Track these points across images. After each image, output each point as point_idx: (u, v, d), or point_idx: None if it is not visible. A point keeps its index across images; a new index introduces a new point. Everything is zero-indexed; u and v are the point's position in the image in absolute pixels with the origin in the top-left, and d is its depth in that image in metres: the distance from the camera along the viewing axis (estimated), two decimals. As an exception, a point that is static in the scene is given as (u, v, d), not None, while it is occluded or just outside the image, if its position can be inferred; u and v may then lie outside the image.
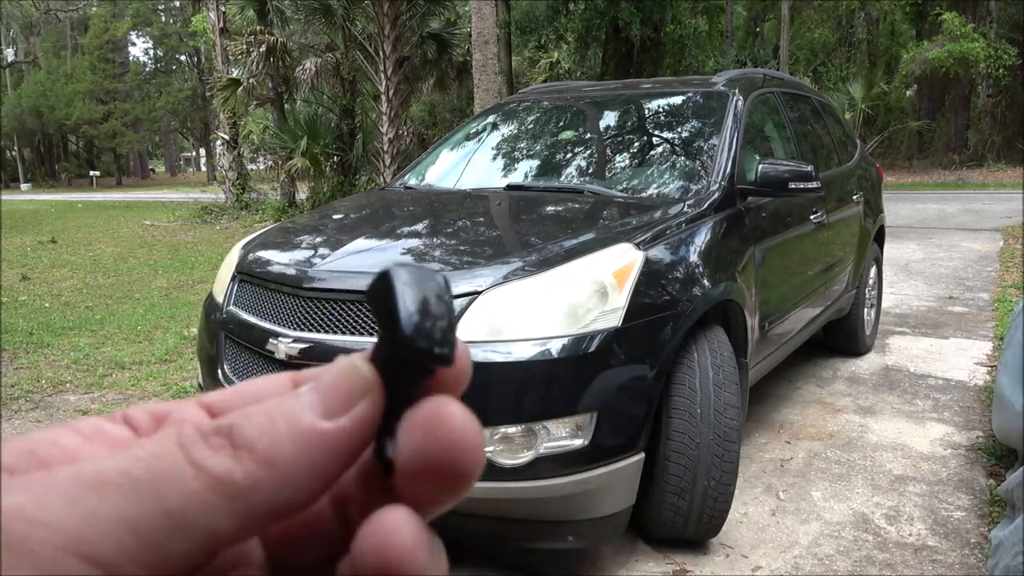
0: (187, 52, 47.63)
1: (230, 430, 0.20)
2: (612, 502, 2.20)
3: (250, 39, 14.03)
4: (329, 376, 0.22)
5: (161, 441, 0.20)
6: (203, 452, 0.19)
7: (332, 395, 0.21)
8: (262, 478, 0.19)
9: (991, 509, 2.73)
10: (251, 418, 0.20)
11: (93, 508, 0.18)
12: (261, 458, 0.20)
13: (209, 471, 0.19)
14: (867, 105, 18.46)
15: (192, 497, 0.19)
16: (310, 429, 0.20)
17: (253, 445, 0.20)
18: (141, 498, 0.18)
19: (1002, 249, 8.48)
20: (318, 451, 0.20)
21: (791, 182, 2.95)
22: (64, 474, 0.18)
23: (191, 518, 0.19)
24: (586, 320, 2.14)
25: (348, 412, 0.21)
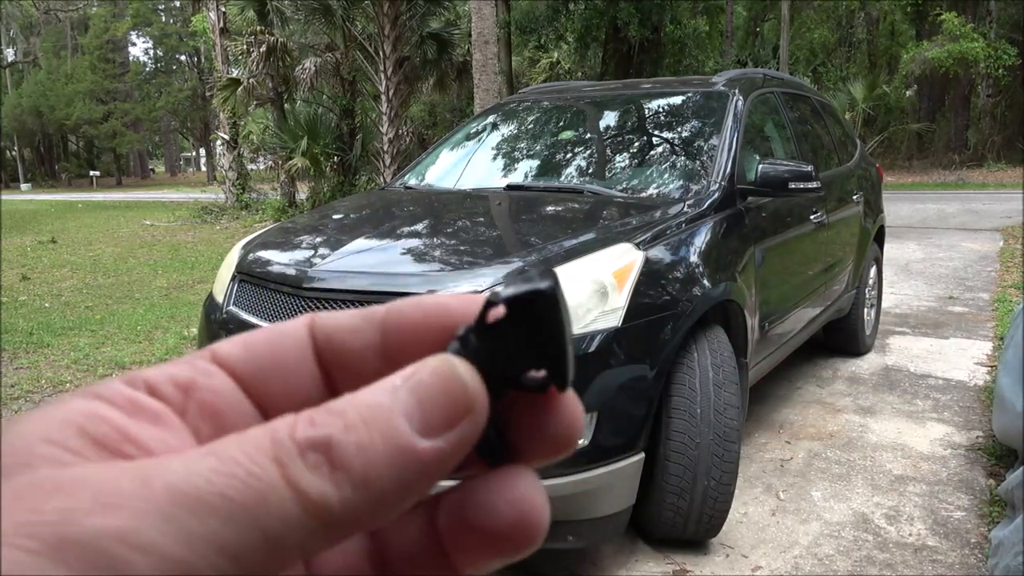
0: (187, 52, 47.64)
1: (328, 446, 0.19)
2: (612, 502, 2.20)
3: (250, 39, 14.03)
4: (430, 383, 0.20)
5: (256, 455, 0.19)
6: (301, 472, 0.19)
7: (432, 410, 0.20)
8: (357, 501, 0.19)
9: (991, 509, 2.73)
10: (349, 431, 0.19)
11: (192, 530, 0.17)
12: (359, 481, 0.19)
13: (307, 495, 0.18)
14: (867, 105, 18.46)
15: (291, 521, 0.18)
16: (408, 448, 0.19)
17: (351, 466, 0.19)
18: (239, 522, 0.18)
19: (1002, 249, 8.48)
20: (412, 473, 0.19)
21: (791, 182, 2.95)
22: (158, 489, 0.17)
23: (286, 539, 0.18)
24: (586, 320, 2.14)
25: (448, 432, 0.20)
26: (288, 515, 0.18)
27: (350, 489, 0.19)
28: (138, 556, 0.17)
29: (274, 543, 0.18)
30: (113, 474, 0.18)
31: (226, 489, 0.18)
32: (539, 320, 0.22)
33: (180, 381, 0.22)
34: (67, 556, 0.16)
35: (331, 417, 0.20)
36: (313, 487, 0.18)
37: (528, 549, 0.22)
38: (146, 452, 0.20)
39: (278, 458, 0.19)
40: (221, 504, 0.18)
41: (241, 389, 0.23)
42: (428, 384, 0.20)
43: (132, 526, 0.17)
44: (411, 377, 0.21)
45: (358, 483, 0.19)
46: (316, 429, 0.19)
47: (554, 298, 0.22)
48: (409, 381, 0.20)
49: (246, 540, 0.18)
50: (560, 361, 0.22)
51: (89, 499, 0.17)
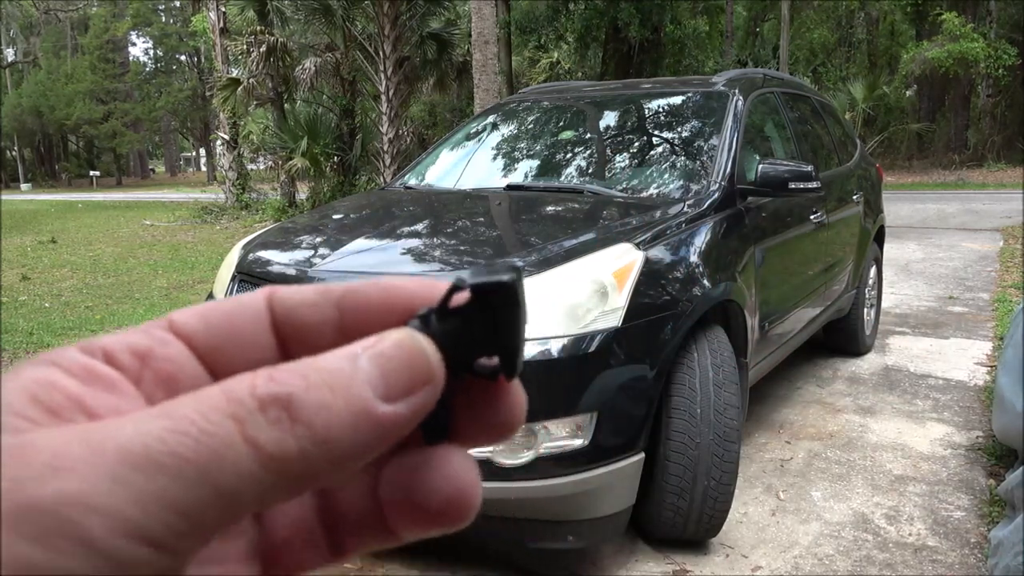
0: (187, 52, 47.64)
1: (289, 402, 0.19)
2: (612, 502, 2.20)
3: (250, 39, 14.03)
4: (393, 353, 0.21)
5: (210, 411, 0.19)
6: (260, 427, 0.19)
7: (394, 377, 0.21)
8: (315, 456, 0.19)
9: (991, 509, 2.73)
10: (310, 391, 0.20)
11: (143, 490, 0.17)
12: (318, 437, 0.19)
13: (264, 449, 0.19)
14: (867, 105, 18.46)
15: (247, 476, 0.18)
16: (368, 412, 0.20)
17: (312, 423, 0.19)
18: (189, 479, 0.18)
19: (1002, 249, 8.48)
20: (370, 434, 0.20)
21: (791, 182, 2.95)
22: (108, 450, 0.18)
23: (240, 495, 0.18)
24: (586, 320, 2.14)
25: (407, 398, 0.21)
26: (244, 470, 0.18)
27: (310, 444, 0.19)
28: (92, 518, 0.17)
29: (228, 498, 0.18)
30: (64, 438, 0.18)
31: (177, 447, 0.18)
32: (498, 310, 0.23)
33: (137, 349, 0.22)
34: (24, 525, 0.17)
35: (292, 376, 0.20)
36: (272, 441, 0.19)
37: (460, 524, 0.23)
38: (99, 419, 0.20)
39: (235, 414, 0.19)
40: (171, 463, 0.18)
41: (197, 358, 0.23)
42: (391, 353, 0.21)
43: (84, 489, 0.17)
44: (374, 346, 0.21)
45: (318, 439, 0.19)
46: (277, 385, 0.20)
47: (515, 290, 0.23)
48: (371, 349, 0.21)
49: (197, 496, 0.18)
50: (513, 352, 0.23)
51: (40, 465, 0.17)
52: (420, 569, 2.42)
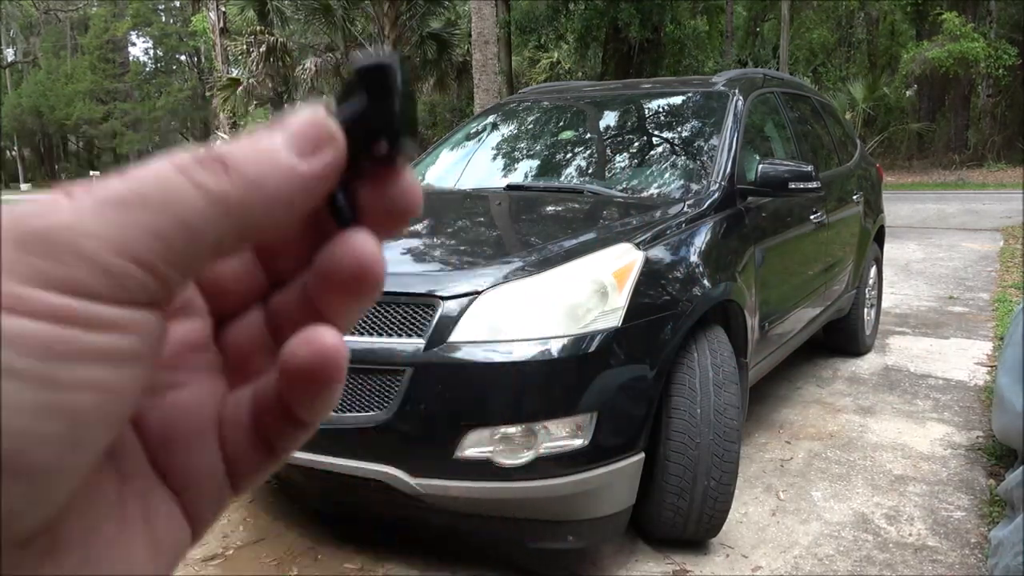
0: (187, 52, 47.64)
1: (223, 158, 0.23)
2: (612, 502, 2.20)
3: (250, 39, 14.04)
4: (299, 122, 0.24)
5: (160, 168, 0.22)
6: (202, 174, 0.22)
7: (303, 139, 0.24)
8: (252, 198, 0.23)
9: (991, 509, 2.74)
10: (239, 151, 0.23)
11: (123, 219, 0.21)
12: (251, 182, 0.23)
13: (209, 189, 0.22)
14: (867, 105, 18.46)
15: (199, 211, 0.22)
16: (287, 164, 0.23)
17: (244, 170, 0.23)
18: (159, 211, 0.21)
19: (1002, 249, 8.48)
20: (293, 184, 0.23)
21: (791, 182, 2.95)
22: (83, 198, 0.21)
23: (201, 228, 0.22)
24: (586, 320, 2.14)
25: (316, 155, 0.24)
26: (196, 206, 0.21)
27: (244, 186, 0.22)
28: (87, 240, 0.20)
29: (192, 230, 0.21)
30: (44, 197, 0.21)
31: (141, 189, 0.21)
32: (381, 92, 0.25)
33: None
34: (29, 246, 0.20)
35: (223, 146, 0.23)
36: (213, 183, 0.22)
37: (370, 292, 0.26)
38: None
39: (180, 167, 0.22)
40: (141, 200, 0.21)
41: None
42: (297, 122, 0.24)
43: (73, 220, 0.20)
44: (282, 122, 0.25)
45: (250, 183, 0.23)
46: (210, 151, 0.23)
47: (393, 70, 0.25)
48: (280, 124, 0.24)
49: (167, 225, 0.21)
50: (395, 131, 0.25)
51: (30, 209, 0.20)
52: (420, 569, 2.42)
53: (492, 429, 2.05)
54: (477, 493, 2.07)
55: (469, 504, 2.10)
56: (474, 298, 2.15)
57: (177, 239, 0.21)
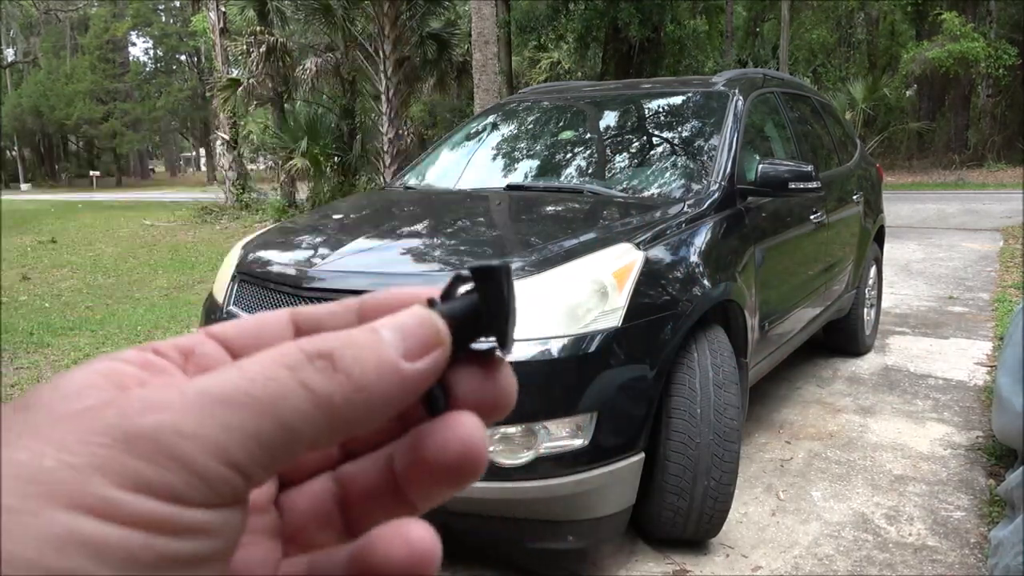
0: (187, 52, 47.63)
1: (331, 355, 0.23)
2: (612, 502, 2.20)
3: (250, 39, 14.03)
4: (411, 323, 0.25)
5: (269, 364, 0.22)
6: (310, 373, 0.22)
7: (412, 340, 0.24)
8: (354, 401, 0.23)
9: (991, 509, 2.74)
10: (347, 348, 0.23)
11: (227, 421, 0.21)
12: (356, 384, 0.23)
13: (315, 391, 0.22)
14: (867, 105, 18.46)
15: (302, 414, 0.22)
16: (393, 366, 0.24)
17: (350, 371, 0.23)
18: (263, 414, 0.21)
19: (1002, 249, 8.48)
20: (395, 387, 0.24)
21: (791, 182, 2.95)
22: (190, 391, 0.21)
23: (300, 430, 0.22)
24: (586, 320, 2.14)
25: (423, 358, 0.24)
26: (301, 409, 0.22)
27: (349, 389, 0.23)
28: (188, 442, 0.20)
29: (292, 432, 0.22)
30: (151, 390, 0.22)
31: (250, 389, 0.22)
32: (492, 293, 0.26)
33: (181, 346, 0.26)
34: (134, 445, 0.20)
35: (330, 338, 0.24)
36: (320, 385, 0.22)
37: (473, 478, 0.26)
38: None
39: (289, 365, 0.23)
40: (247, 400, 0.21)
41: (231, 355, 0.27)
42: (407, 322, 0.25)
43: (179, 420, 0.21)
44: (392, 319, 0.25)
45: (356, 386, 0.23)
46: (320, 344, 0.24)
47: (508, 273, 0.27)
48: (391, 320, 0.25)
49: (269, 429, 0.21)
50: (505, 329, 0.27)
51: (138, 404, 0.21)
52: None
53: (492, 428, 2.04)
54: (476, 493, 2.07)
55: (468, 504, 2.10)
56: (474, 298, 2.15)
57: (276, 442, 0.22)
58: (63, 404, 0.21)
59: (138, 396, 0.21)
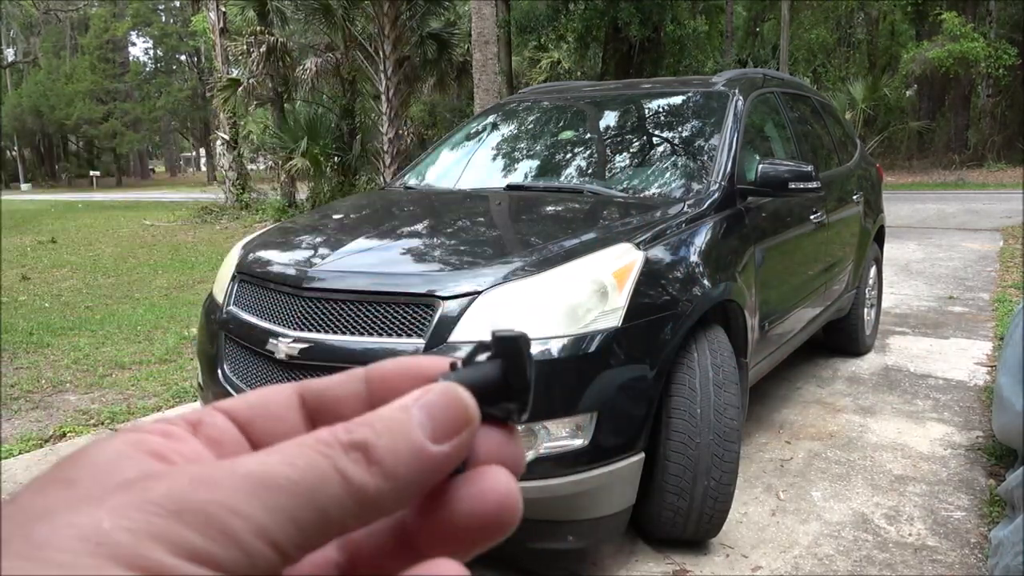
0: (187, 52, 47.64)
1: (365, 447, 0.24)
2: (612, 502, 2.20)
3: (250, 39, 14.03)
4: (440, 403, 0.26)
5: (309, 452, 0.24)
6: (346, 464, 0.24)
7: (441, 422, 0.26)
8: (385, 490, 0.24)
9: (991, 509, 2.74)
10: (380, 437, 0.25)
11: (271, 503, 0.22)
12: (388, 474, 0.24)
13: (351, 481, 0.24)
14: (867, 105, 18.46)
15: (337, 501, 0.23)
16: (423, 452, 0.25)
17: (383, 462, 0.24)
18: (302, 499, 0.23)
19: (1002, 249, 8.48)
20: (425, 471, 0.25)
21: (791, 182, 2.95)
22: (239, 474, 0.23)
23: (333, 516, 0.23)
24: (586, 320, 2.14)
25: (452, 440, 0.26)
26: (336, 496, 0.23)
27: (381, 480, 0.24)
28: (236, 520, 0.22)
29: (326, 517, 0.23)
30: (199, 467, 0.23)
31: (291, 475, 0.23)
32: (513, 361, 0.28)
33: (190, 420, 0.27)
34: (186, 518, 0.21)
35: (363, 427, 0.25)
36: (356, 476, 0.24)
37: (506, 532, 0.27)
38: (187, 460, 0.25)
39: (327, 454, 0.24)
40: (289, 486, 0.23)
41: (237, 428, 0.28)
42: (436, 402, 0.26)
43: (229, 498, 0.22)
44: (421, 398, 0.26)
45: (388, 476, 0.24)
46: (354, 434, 0.25)
47: (528, 343, 0.28)
48: (420, 400, 0.26)
49: (307, 514, 0.23)
50: (526, 398, 0.28)
51: (190, 481, 0.22)
52: (420, 569, 2.42)
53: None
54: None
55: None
56: (474, 298, 2.15)
57: (312, 525, 0.23)
58: (107, 476, 0.23)
59: (189, 472, 0.23)
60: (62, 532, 0.21)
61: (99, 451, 0.24)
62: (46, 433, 3.66)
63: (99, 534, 0.21)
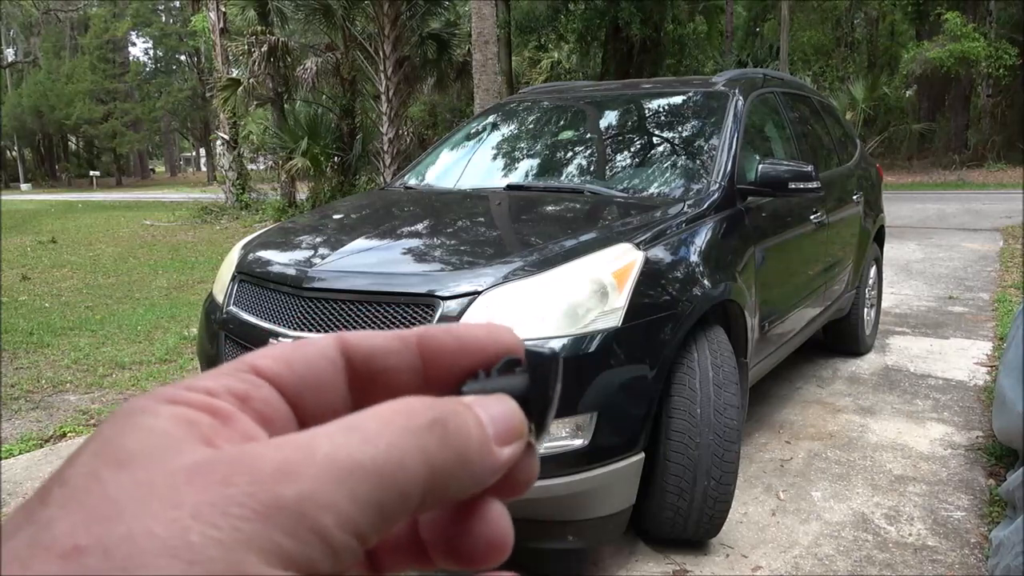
0: (187, 52, 47.61)
1: (444, 426, 0.24)
2: (612, 502, 2.20)
3: (251, 39, 14.02)
4: (503, 410, 0.26)
5: (395, 429, 0.23)
6: (429, 442, 0.23)
7: (503, 427, 0.26)
8: (457, 474, 0.24)
9: (991, 509, 2.73)
10: (457, 419, 0.24)
11: (356, 492, 0.21)
12: (463, 458, 0.24)
13: (431, 462, 0.23)
14: (867, 105, 18.46)
15: (417, 482, 0.22)
16: (488, 450, 0.25)
17: (459, 445, 0.24)
18: (387, 482, 0.22)
19: (1002, 249, 8.48)
20: (488, 467, 0.25)
21: (791, 182, 2.95)
22: (320, 459, 0.21)
23: (413, 497, 0.22)
24: (586, 320, 2.14)
25: (508, 446, 0.26)
26: (417, 476, 0.22)
27: (458, 462, 0.24)
28: (325, 514, 0.20)
29: (406, 499, 0.22)
30: (272, 450, 0.21)
31: (376, 457, 0.22)
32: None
33: (236, 392, 0.25)
34: (277, 519, 0.20)
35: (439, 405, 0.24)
36: (436, 454, 0.23)
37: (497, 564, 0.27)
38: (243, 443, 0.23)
39: (413, 431, 0.23)
40: (374, 470, 0.22)
41: (285, 400, 0.26)
42: (499, 409, 0.26)
43: (316, 490, 0.21)
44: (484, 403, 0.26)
45: (463, 460, 0.24)
46: (437, 410, 0.24)
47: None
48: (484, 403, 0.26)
49: (391, 498, 0.22)
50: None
51: (272, 471, 0.20)
52: (419, 569, 2.42)
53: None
54: (477, 493, 2.06)
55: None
56: (474, 298, 2.15)
57: (394, 509, 0.22)
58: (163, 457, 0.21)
59: (270, 461, 0.21)
60: (145, 545, 0.18)
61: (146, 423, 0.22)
62: (46, 433, 3.66)
63: (190, 550, 0.19)
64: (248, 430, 0.23)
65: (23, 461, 3.35)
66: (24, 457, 3.39)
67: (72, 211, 20.76)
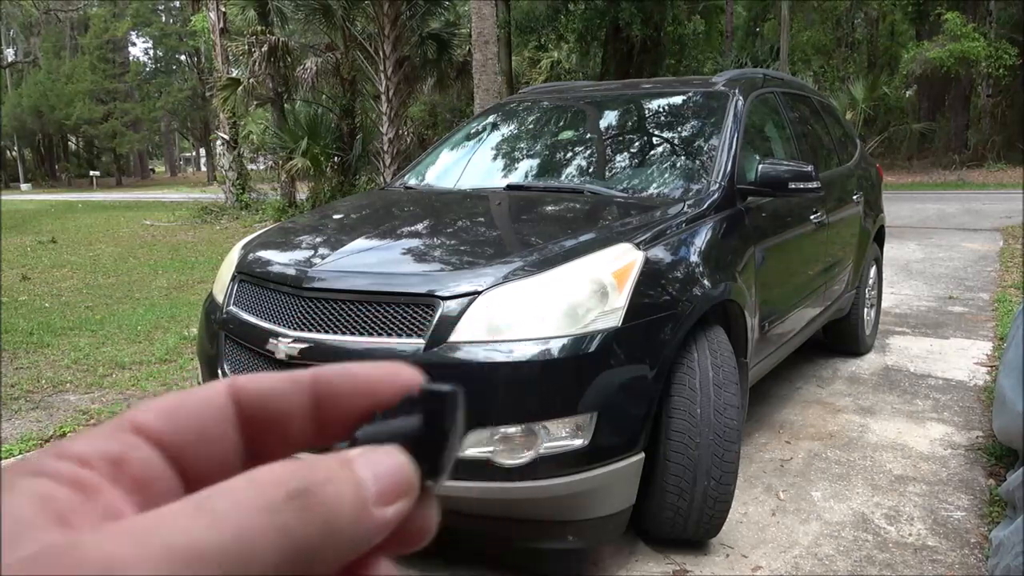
0: (187, 52, 47.60)
1: (307, 494, 0.22)
2: (612, 502, 2.20)
3: (251, 39, 14.02)
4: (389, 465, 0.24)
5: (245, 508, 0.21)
6: (288, 519, 0.21)
7: (387, 485, 0.24)
8: (324, 546, 0.22)
9: (991, 509, 2.73)
10: (325, 485, 0.23)
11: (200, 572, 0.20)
12: (330, 528, 0.22)
13: (291, 537, 0.21)
14: (867, 105, 18.45)
15: (273, 561, 0.21)
16: (365, 514, 0.23)
17: (326, 516, 0.22)
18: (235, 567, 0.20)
19: (1002, 249, 8.48)
20: (366, 533, 0.23)
21: (791, 182, 2.95)
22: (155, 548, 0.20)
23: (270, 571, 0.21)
24: (586, 320, 2.13)
25: (392, 506, 0.24)
26: (272, 555, 0.21)
27: (324, 534, 0.22)
28: None
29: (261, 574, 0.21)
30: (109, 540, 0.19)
31: (221, 542, 0.20)
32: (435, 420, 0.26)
33: (110, 456, 0.24)
34: None
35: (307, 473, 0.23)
36: (297, 530, 0.21)
37: None
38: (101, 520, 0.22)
39: (268, 508, 0.21)
40: (216, 556, 0.20)
41: (166, 460, 0.25)
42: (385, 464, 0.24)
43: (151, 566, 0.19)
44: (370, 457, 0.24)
45: (328, 531, 0.22)
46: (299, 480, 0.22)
47: (457, 401, 0.26)
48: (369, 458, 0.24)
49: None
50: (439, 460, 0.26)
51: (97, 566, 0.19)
52: (419, 569, 2.42)
53: (492, 429, 2.05)
54: (477, 493, 2.07)
55: (469, 504, 2.10)
56: (474, 298, 2.15)
57: None
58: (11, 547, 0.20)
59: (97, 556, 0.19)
60: None
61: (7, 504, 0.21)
62: (46, 433, 3.66)
63: None
64: (111, 504, 0.22)
65: (23, 461, 3.35)
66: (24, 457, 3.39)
67: (72, 211, 20.76)
